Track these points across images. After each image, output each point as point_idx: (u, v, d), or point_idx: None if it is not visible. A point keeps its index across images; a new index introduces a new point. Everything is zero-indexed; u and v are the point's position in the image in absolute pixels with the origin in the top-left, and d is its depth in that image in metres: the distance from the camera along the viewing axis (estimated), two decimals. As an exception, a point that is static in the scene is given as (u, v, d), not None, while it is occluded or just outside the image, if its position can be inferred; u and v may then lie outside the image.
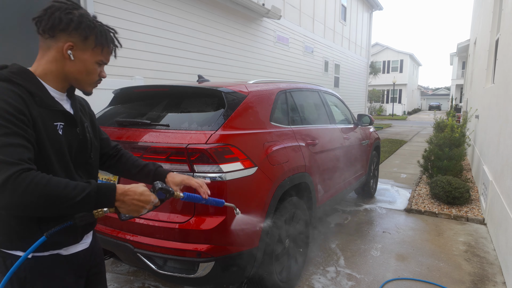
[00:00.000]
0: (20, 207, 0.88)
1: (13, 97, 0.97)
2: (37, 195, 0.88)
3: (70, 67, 1.11)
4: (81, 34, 1.09)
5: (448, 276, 2.79)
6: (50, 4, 1.10)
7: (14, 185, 0.85)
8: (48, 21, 1.08)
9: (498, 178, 3.44)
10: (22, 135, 0.93)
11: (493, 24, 5.50)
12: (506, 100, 3.36)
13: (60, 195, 0.91)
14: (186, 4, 6.38)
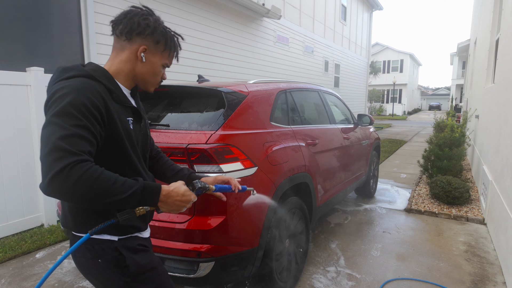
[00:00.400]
0: (69, 195, 0.92)
1: (94, 93, 1.04)
2: (87, 187, 0.92)
3: (141, 68, 1.21)
4: (155, 38, 1.21)
5: (448, 276, 2.79)
6: (129, 9, 1.20)
7: (69, 174, 0.90)
8: (126, 24, 1.17)
9: (498, 178, 3.44)
10: (90, 129, 0.99)
11: (493, 24, 5.50)
12: (506, 100, 3.36)
13: (108, 189, 0.96)
14: (186, 4, 6.38)
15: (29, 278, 2.75)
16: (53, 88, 1.05)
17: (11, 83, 3.44)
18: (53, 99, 1.00)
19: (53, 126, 0.95)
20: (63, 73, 1.09)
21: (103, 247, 1.15)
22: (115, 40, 1.22)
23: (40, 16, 4.42)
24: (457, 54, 21.26)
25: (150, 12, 1.24)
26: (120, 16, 1.19)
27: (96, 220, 1.11)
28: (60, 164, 0.90)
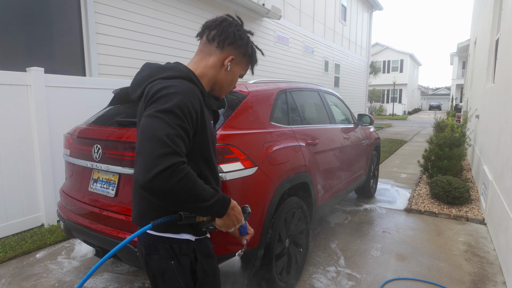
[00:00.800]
0: (167, 194, 0.93)
1: (195, 97, 1.08)
2: (185, 189, 0.94)
3: (223, 76, 1.24)
4: (243, 50, 1.24)
5: (448, 276, 2.79)
6: (224, 17, 1.23)
7: (173, 173, 0.91)
8: (221, 32, 1.19)
9: (498, 178, 3.44)
10: (188, 132, 1.02)
11: (493, 24, 5.50)
12: (506, 100, 3.36)
13: (199, 195, 0.98)
14: (186, 4, 6.39)
15: (29, 278, 2.75)
16: (154, 85, 1.07)
17: (11, 83, 3.44)
18: (158, 96, 1.02)
19: (160, 122, 0.96)
20: (161, 72, 1.12)
21: (181, 247, 1.15)
22: (204, 44, 1.23)
23: (40, 16, 4.42)
24: (457, 54, 21.26)
25: (242, 23, 1.26)
26: (215, 22, 1.21)
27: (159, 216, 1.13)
28: (167, 162, 0.90)
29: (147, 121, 0.97)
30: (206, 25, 1.22)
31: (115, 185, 2.15)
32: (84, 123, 2.63)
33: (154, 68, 1.15)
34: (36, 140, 3.65)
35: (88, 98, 4.15)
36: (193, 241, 1.18)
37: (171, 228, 1.15)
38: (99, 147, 2.24)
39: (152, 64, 1.18)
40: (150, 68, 1.16)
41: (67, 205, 2.49)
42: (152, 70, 1.14)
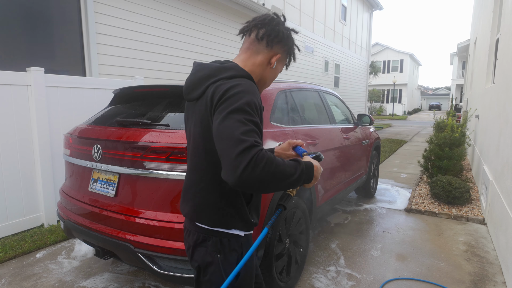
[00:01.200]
0: (258, 183, 0.97)
1: (258, 94, 1.13)
2: (271, 172, 0.98)
3: (268, 73, 1.28)
4: (289, 49, 1.28)
5: (448, 276, 2.79)
6: (272, 16, 1.25)
7: (256, 164, 0.95)
8: (271, 32, 1.21)
9: (498, 178, 3.44)
10: (259, 125, 1.07)
11: (493, 24, 5.49)
12: (506, 100, 3.36)
13: (285, 172, 1.03)
14: (186, 4, 6.39)
15: (30, 278, 2.75)
16: (220, 86, 1.10)
17: (11, 83, 3.44)
18: (227, 96, 1.05)
19: (233, 122, 1.00)
20: (221, 72, 1.16)
21: (230, 242, 1.19)
22: (252, 42, 1.24)
23: (40, 16, 4.42)
24: (457, 54, 21.26)
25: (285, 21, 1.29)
26: (264, 21, 1.22)
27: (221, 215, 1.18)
28: (248, 156, 0.95)
29: (222, 124, 1.02)
30: (254, 24, 1.23)
31: (115, 185, 2.15)
32: (84, 123, 2.63)
33: (212, 68, 1.17)
34: (36, 140, 3.65)
35: (88, 98, 4.15)
36: (242, 236, 1.21)
37: (223, 223, 1.18)
38: (99, 147, 2.24)
39: (207, 64, 1.20)
40: (206, 68, 1.18)
41: (67, 205, 2.49)
42: (210, 70, 1.17)
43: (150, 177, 2.00)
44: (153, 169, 1.98)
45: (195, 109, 1.20)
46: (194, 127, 1.19)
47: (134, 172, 2.04)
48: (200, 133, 1.16)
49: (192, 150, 1.22)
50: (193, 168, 1.22)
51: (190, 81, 1.21)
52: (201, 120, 1.15)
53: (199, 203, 1.20)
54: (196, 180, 1.21)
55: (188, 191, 1.25)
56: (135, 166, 2.05)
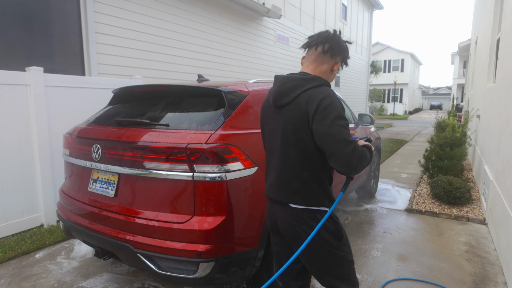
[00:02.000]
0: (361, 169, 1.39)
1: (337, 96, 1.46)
2: (365, 159, 1.39)
3: (330, 77, 1.59)
4: (345, 58, 1.59)
5: (449, 276, 2.78)
6: (333, 33, 1.55)
7: (361, 156, 1.35)
8: (334, 46, 1.53)
9: (499, 178, 3.43)
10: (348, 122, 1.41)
11: (494, 24, 5.48)
12: (508, 99, 3.34)
13: (368, 157, 1.42)
14: (186, 3, 6.37)
15: (29, 278, 2.75)
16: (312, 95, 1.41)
17: (10, 83, 3.44)
18: (325, 106, 1.36)
19: (340, 128, 1.34)
20: (308, 82, 1.46)
21: (322, 216, 1.48)
22: (318, 54, 1.54)
23: (40, 16, 4.42)
24: (458, 54, 21.23)
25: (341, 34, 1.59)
26: (328, 37, 1.53)
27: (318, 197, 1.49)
28: (357, 153, 1.34)
29: (331, 129, 1.34)
30: (320, 40, 1.53)
31: (115, 185, 2.15)
32: (84, 123, 2.62)
33: (297, 79, 1.48)
34: (36, 140, 3.64)
35: (88, 98, 4.15)
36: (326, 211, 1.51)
37: (314, 202, 1.49)
38: (98, 147, 2.23)
39: (292, 76, 1.51)
40: (291, 80, 1.49)
41: (66, 205, 2.48)
42: (296, 81, 1.47)
43: (149, 177, 2.00)
44: (152, 169, 1.97)
45: (282, 112, 1.50)
46: (284, 125, 1.48)
47: (134, 172, 2.04)
48: (292, 131, 1.45)
49: (281, 145, 1.50)
50: (284, 160, 1.50)
51: (279, 91, 1.50)
52: (293, 121, 1.44)
53: (295, 189, 1.49)
54: (290, 170, 1.49)
55: (280, 180, 1.53)
56: (134, 166, 2.04)
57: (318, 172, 1.47)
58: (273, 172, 1.57)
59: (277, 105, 1.51)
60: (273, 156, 1.56)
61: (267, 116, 1.61)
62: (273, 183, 1.56)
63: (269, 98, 1.60)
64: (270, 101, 1.58)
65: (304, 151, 1.44)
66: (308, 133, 1.42)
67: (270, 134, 1.58)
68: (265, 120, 1.62)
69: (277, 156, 1.53)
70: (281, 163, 1.52)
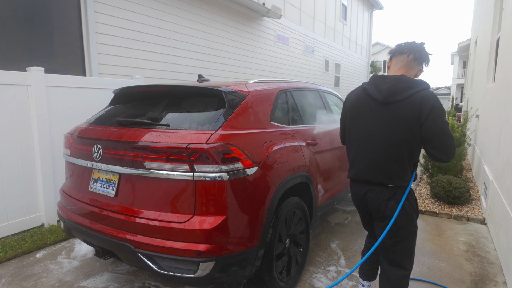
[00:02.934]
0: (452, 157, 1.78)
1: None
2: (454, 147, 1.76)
3: None
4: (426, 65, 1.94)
5: (449, 276, 2.78)
6: (420, 44, 1.90)
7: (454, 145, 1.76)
8: (421, 55, 1.88)
9: (499, 178, 3.44)
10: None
11: (494, 24, 5.49)
12: (507, 99, 3.35)
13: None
14: (186, 3, 6.38)
15: (30, 278, 2.75)
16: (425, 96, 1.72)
17: (11, 83, 3.44)
18: (437, 107, 1.70)
19: (446, 125, 1.72)
20: (418, 85, 1.76)
21: (410, 192, 1.90)
22: (409, 61, 1.87)
23: (40, 16, 4.42)
24: (458, 54, 21.23)
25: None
26: (418, 47, 1.87)
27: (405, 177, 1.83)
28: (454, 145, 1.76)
29: (444, 127, 1.71)
30: (412, 49, 1.86)
31: (115, 185, 2.15)
32: (85, 123, 2.63)
33: (409, 81, 1.77)
34: (37, 139, 3.65)
35: (88, 98, 4.15)
36: (411, 188, 1.90)
37: (405, 181, 1.83)
38: (99, 147, 2.24)
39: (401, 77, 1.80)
40: (403, 81, 1.78)
41: (67, 205, 2.49)
42: (408, 83, 1.77)
43: (150, 177, 2.00)
44: (153, 169, 1.98)
45: (391, 108, 1.78)
46: (394, 119, 1.76)
47: (135, 172, 2.04)
48: (404, 125, 1.74)
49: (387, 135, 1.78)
50: (387, 148, 1.79)
51: (392, 89, 1.77)
52: (405, 116, 1.73)
53: (394, 173, 1.81)
54: (392, 157, 1.79)
55: (378, 164, 1.83)
56: (135, 166, 2.04)
57: (415, 158, 1.83)
58: (368, 158, 1.87)
59: (387, 101, 1.78)
60: (371, 145, 1.85)
61: (363, 109, 1.88)
62: (368, 168, 1.87)
63: (370, 94, 1.86)
64: (372, 96, 1.84)
65: (409, 141, 1.76)
66: (417, 127, 1.72)
67: (368, 126, 1.86)
68: (359, 113, 1.90)
69: (380, 146, 1.81)
70: (385, 152, 1.81)
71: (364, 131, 1.87)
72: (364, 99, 1.89)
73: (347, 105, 2.01)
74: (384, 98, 1.79)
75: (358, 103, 1.91)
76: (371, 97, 1.85)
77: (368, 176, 1.88)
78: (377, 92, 1.82)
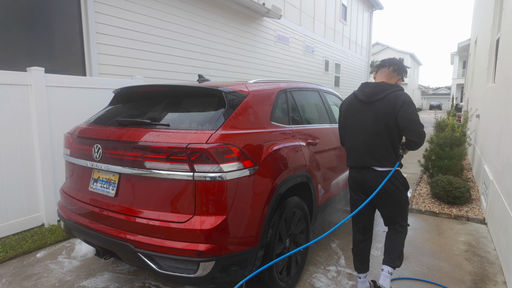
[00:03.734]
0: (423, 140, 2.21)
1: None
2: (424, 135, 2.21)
3: None
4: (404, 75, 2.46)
5: (449, 275, 2.79)
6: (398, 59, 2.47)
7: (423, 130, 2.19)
8: (400, 68, 2.40)
9: (499, 178, 3.44)
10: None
11: (493, 24, 5.49)
12: (507, 99, 3.35)
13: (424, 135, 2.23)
14: (187, 4, 6.38)
15: (30, 277, 2.76)
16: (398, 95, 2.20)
17: (11, 83, 3.44)
18: (408, 102, 2.17)
19: (416, 116, 2.16)
20: (393, 87, 2.26)
21: (399, 174, 2.29)
22: (389, 72, 2.40)
23: (40, 16, 4.43)
24: (458, 54, 21.23)
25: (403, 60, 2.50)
26: (396, 62, 2.43)
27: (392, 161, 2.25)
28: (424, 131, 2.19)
29: (412, 117, 2.14)
30: (390, 63, 2.40)
31: (115, 185, 2.15)
32: (84, 123, 2.63)
33: (384, 85, 2.27)
34: (37, 139, 3.65)
35: (89, 98, 4.15)
36: (399, 170, 2.31)
37: (393, 164, 2.25)
38: (99, 146, 2.24)
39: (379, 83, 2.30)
40: (381, 85, 2.27)
41: (67, 204, 2.49)
42: (384, 86, 2.26)
43: (150, 177, 2.00)
44: (153, 169, 1.98)
45: (373, 106, 2.25)
46: (376, 114, 2.22)
47: (135, 172, 2.04)
48: (383, 118, 2.19)
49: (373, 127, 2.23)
50: (374, 137, 2.23)
51: (372, 92, 2.27)
52: (384, 111, 2.19)
53: (382, 156, 2.24)
54: (378, 143, 2.23)
55: (370, 151, 2.26)
56: (135, 166, 2.05)
57: (396, 144, 2.25)
58: (361, 147, 2.29)
59: (370, 101, 2.26)
60: (361, 136, 2.28)
61: (354, 109, 2.35)
62: (362, 155, 2.29)
63: (357, 97, 2.34)
64: (359, 98, 2.32)
65: (389, 130, 2.20)
66: (393, 119, 2.17)
67: (358, 121, 2.31)
68: (351, 113, 2.36)
69: (368, 135, 2.25)
70: (372, 140, 2.24)
71: (355, 126, 2.33)
72: (354, 102, 2.37)
73: (342, 109, 2.47)
74: (367, 98, 2.28)
75: (350, 106, 2.38)
76: (358, 99, 2.34)
77: (363, 162, 2.29)
78: (362, 95, 2.31)
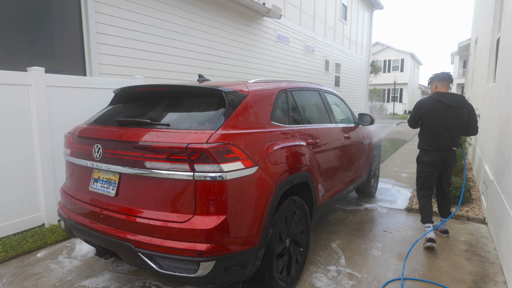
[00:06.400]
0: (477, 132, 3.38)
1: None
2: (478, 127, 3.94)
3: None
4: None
5: (449, 275, 2.79)
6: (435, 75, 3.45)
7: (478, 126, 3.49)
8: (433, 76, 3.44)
9: (499, 177, 3.44)
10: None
11: (494, 23, 5.48)
12: (507, 99, 3.35)
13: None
14: (187, 3, 6.38)
15: (30, 277, 2.76)
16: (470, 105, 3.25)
17: (11, 83, 3.45)
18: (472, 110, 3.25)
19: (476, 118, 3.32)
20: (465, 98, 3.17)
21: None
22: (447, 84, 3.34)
23: (40, 16, 4.43)
24: (458, 53, 21.21)
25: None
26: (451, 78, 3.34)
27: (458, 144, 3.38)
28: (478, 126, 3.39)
29: (475, 119, 3.27)
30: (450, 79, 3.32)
31: (116, 184, 2.16)
32: (85, 123, 2.63)
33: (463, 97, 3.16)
34: (37, 139, 3.65)
35: (89, 98, 4.15)
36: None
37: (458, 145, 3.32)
38: (99, 146, 2.24)
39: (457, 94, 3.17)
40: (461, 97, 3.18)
41: (67, 204, 2.49)
42: (463, 98, 3.18)
43: (150, 177, 2.01)
44: (153, 169, 1.98)
45: (455, 110, 3.20)
46: (458, 116, 3.20)
47: (135, 171, 2.05)
48: (462, 119, 3.21)
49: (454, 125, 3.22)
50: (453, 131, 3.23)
51: (457, 100, 3.19)
52: (462, 115, 3.20)
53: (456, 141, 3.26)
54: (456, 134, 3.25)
55: (451, 137, 3.24)
56: (135, 166, 2.05)
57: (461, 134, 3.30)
58: (446, 136, 3.24)
59: (456, 106, 3.18)
60: (447, 128, 3.22)
61: (439, 110, 3.23)
62: (447, 140, 3.25)
63: (443, 102, 3.20)
64: (446, 103, 3.19)
65: (462, 126, 3.25)
66: (465, 120, 3.23)
67: (445, 118, 3.21)
68: (437, 112, 3.24)
69: (453, 129, 3.22)
70: (453, 131, 3.23)
71: (443, 121, 3.23)
72: (437, 104, 3.24)
73: (424, 108, 3.30)
74: (456, 105, 3.19)
75: (434, 107, 3.25)
76: (445, 104, 3.20)
77: (447, 144, 3.26)
78: (449, 101, 3.19)
